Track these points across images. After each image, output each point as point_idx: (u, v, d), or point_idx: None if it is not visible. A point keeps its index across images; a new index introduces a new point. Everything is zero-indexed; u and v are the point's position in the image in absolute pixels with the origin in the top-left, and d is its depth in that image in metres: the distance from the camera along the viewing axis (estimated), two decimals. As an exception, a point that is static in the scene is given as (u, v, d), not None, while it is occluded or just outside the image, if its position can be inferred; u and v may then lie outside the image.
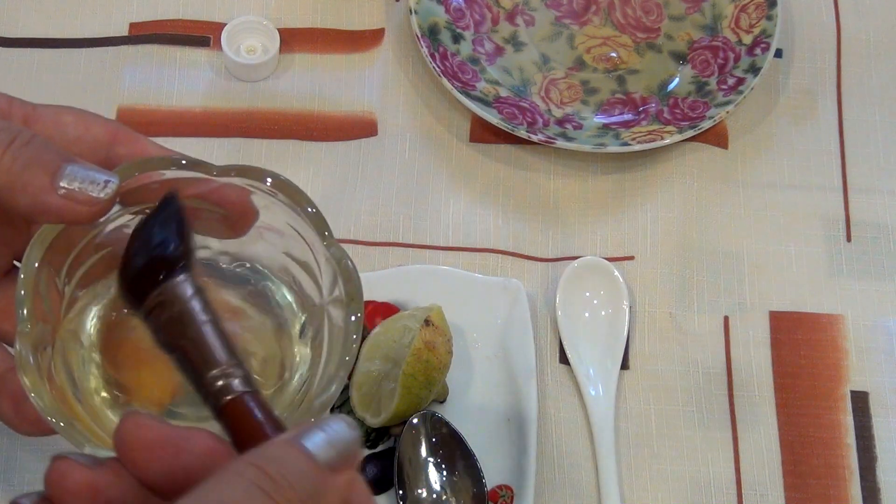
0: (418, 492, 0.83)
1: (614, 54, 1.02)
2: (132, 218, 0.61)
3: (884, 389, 0.90)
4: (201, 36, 1.02)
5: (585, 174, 0.98)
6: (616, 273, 0.92)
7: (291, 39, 1.02)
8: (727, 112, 0.96)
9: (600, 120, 0.99)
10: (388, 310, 0.89)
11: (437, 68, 0.97)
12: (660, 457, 0.88)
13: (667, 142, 0.95)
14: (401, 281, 0.91)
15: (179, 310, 0.53)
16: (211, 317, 0.53)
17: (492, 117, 0.95)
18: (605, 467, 0.86)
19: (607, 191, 0.97)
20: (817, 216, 0.96)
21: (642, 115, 0.98)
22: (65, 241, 0.60)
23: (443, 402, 0.88)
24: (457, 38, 1.01)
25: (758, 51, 0.99)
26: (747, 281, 0.94)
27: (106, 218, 0.60)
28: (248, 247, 0.66)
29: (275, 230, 0.64)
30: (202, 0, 1.03)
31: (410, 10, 0.99)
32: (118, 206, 0.61)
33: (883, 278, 0.94)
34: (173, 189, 0.57)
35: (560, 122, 0.98)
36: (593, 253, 0.94)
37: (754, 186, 0.97)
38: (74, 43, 1.01)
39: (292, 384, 0.63)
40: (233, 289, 0.66)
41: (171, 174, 0.61)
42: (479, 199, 0.97)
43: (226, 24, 1.00)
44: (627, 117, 0.99)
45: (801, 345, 0.92)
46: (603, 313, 0.92)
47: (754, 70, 0.98)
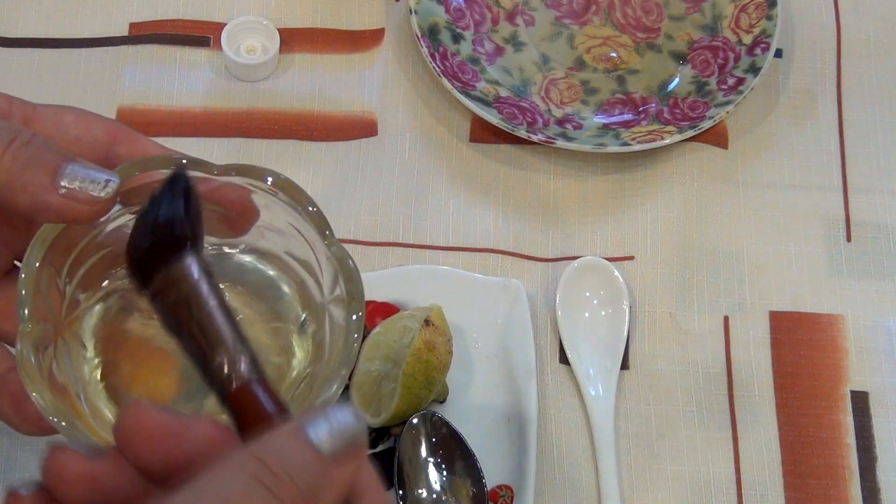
0: (418, 492, 0.83)
1: (614, 54, 1.02)
2: (132, 218, 0.61)
3: (884, 389, 0.90)
4: (201, 36, 1.02)
5: (585, 174, 0.98)
6: (616, 273, 0.92)
7: (291, 39, 1.02)
8: (727, 112, 0.96)
9: (600, 120, 0.99)
10: (388, 310, 0.89)
11: (437, 68, 0.97)
12: (660, 457, 0.88)
13: (667, 142, 0.95)
14: (401, 281, 0.91)
15: (185, 291, 0.52)
16: (218, 299, 0.52)
17: (492, 117, 0.95)
18: (605, 467, 0.86)
19: (607, 191, 0.97)
20: (817, 216, 0.97)
21: (642, 115, 0.98)
22: (65, 240, 0.60)
23: (443, 402, 0.88)
24: (457, 38, 1.01)
25: (758, 51, 0.99)
26: (747, 281, 0.94)
27: (106, 217, 0.60)
28: (249, 246, 0.66)
29: (275, 229, 0.64)
30: (202, 0, 1.03)
31: (410, 10, 0.99)
32: (118, 206, 0.61)
33: (883, 278, 0.94)
34: (181, 167, 0.56)
35: (560, 122, 0.98)
36: (593, 253, 0.94)
37: (754, 186, 0.97)
38: (74, 43, 1.01)
39: (293, 383, 0.63)
40: (234, 287, 0.66)
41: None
42: (479, 199, 0.97)
43: (226, 24, 1.00)
44: (627, 117, 0.99)
45: (801, 345, 0.92)
46: (603, 313, 0.92)
47: (754, 70, 0.98)
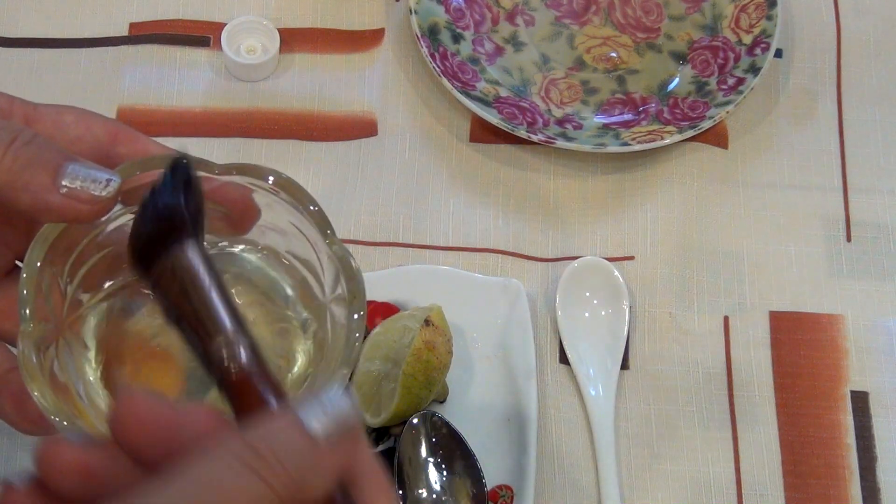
0: (418, 492, 0.83)
1: (614, 54, 1.02)
2: (133, 217, 0.61)
3: (884, 389, 0.90)
4: (201, 36, 1.02)
5: (585, 174, 0.98)
6: (616, 273, 0.92)
7: (291, 39, 1.02)
8: (727, 112, 0.96)
9: (600, 120, 0.99)
10: (388, 310, 0.89)
11: (437, 68, 0.97)
12: (660, 457, 0.88)
13: (667, 142, 0.95)
14: (401, 281, 0.91)
15: (184, 278, 0.52)
16: (218, 286, 0.52)
17: (492, 117, 0.95)
18: (605, 467, 0.86)
19: (607, 191, 0.97)
20: (817, 216, 0.96)
21: (642, 115, 0.98)
22: (67, 240, 0.60)
23: (443, 402, 0.88)
24: (457, 38, 1.01)
25: (758, 51, 0.99)
26: (747, 281, 0.94)
27: (107, 217, 0.60)
28: (251, 245, 0.66)
29: (277, 229, 0.64)
30: (202, 0, 1.03)
31: (410, 10, 0.99)
32: (119, 206, 0.61)
33: (883, 278, 0.94)
34: (182, 153, 0.56)
35: (560, 122, 0.98)
36: (593, 253, 0.94)
37: (754, 186, 0.97)
38: (74, 43, 1.01)
39: (295, 383, 0.63)
40: (236, 287, 0.65)
41: None
42: (479, 199, 0.97)
43: (226, 24, 1.00)
44: (627, 117, 0.99)
45: (801, 345, 0.92)
46: (603, 313, 0.92)
47: (754, 70, 0.98)
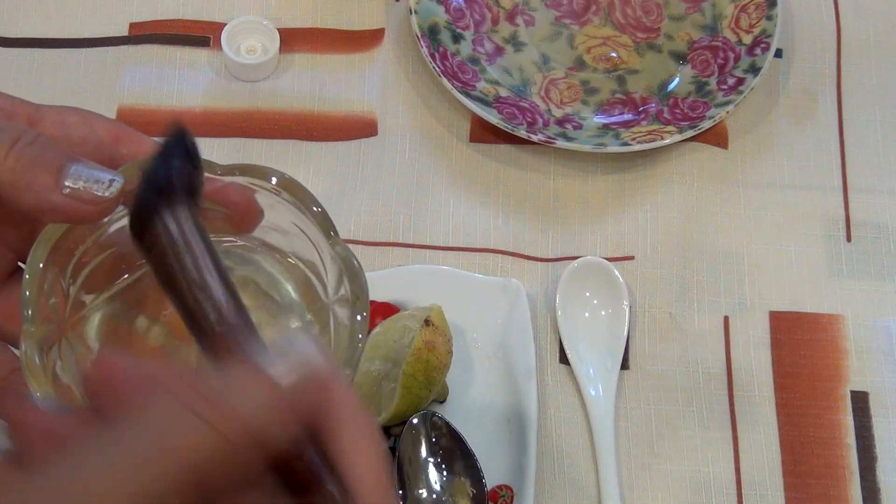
0: (418, 492, 0.83)
1: (614, 54, 1.02)
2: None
3: (884, 389, 0.90)
4: (201, 36, 1.02)
5: (585, 174, 0.98)
6: (616, 273, 0.92)
7: (291, 39, 1.02)
8: (727, 112, 0.96)
9: (600, 120, 0.99)
10: (388, 310, 0.89)
11: (437, 68, 0.97)
12: (660, 457, 0.88)
13: (667, 142, 0.95)
14: (401, 281, 0.91)
15: (171, 238, 0.51)
16: (204, 247, 0.51)
17: (492, 117, 0.95)
18: (605, 467, 0.86)
19: (607, 191, 0.97)
20: (817, 216, 0.97)
21: (642, 115, 0.98)
22: (69, 241, 0.60)
23: (443, 402, 0.88)
24: (457, 38, 1.01)
25: (758, 51, 0.99)
26: (747, 281, 0.94)
27: (110, 218, 0.60)
28: (253, 246, 0.66)
29: (280, 229, 0.63)
30: (202, 0, 1.03)
31: (410, 10, 0.99)
32: (122, 206, 0.61)
33: (883, 278, 0.94)
34: (179, 124, 0.56)
35: (560, 122, 0.98)
36: (593, 253, 0.94)
37: (754, 186, 0.97)
38: (74, 43, 1.01)
39: None
40: (238, 286, 0.65)
41: None
42: (479, 199, 0.97)
43: (226, 24, 1.00)
44: (627, 117, 0.99)
45: (801, 345, 0.92)
46: (603, 313, 0.92)
47: (754, 70, 0.98)
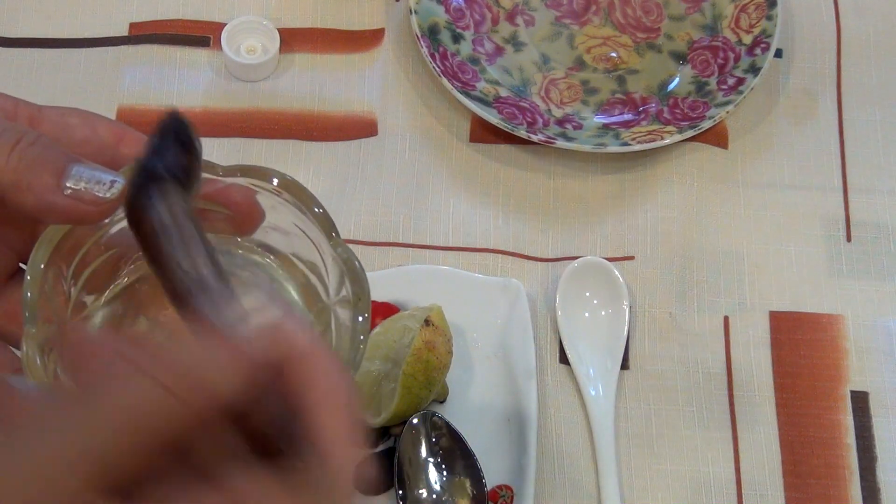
0: (418, 492, 0.83)
1: (614, 54, 1.02)
2: None
3: (884, 389, 0.90)
4: (201, 36, 1.02)
5: (585, 174, 0.98)
6: (616, 273, 0.92)
7: (291, 39, 1.02)
8: (727, 112, 0.96)
9: (600, 120, 0.99)
10: (388, 310, 0.89)
11: (437, 68, 0.97)
12: (660, 457, 0.88)
13: (667, 142, 0.95)
14: (401, 281, 0.91)
15: (159, 220, 0.51)
16: (192, 226, 0.51)
17: (492, 117, 0.95)
18: (605, 467, 0.86)
19: (607, 191, 0.97)
20: (817, 216, 0.97)
21: (642, 115, 0.98)
22: (71, 242, 0.60)
23: (443, 402, 0.88)
24: (457, 38, 1.01)
25: (758, 51, 0.99)
26: (747, 281, 0.94)
27: (111, 219, 0.60)
28: (255, 247, 0.66)
29: (281, 230, 0.63)
30: (202, 0, 1.03)
31: (410, 10, 0.99)
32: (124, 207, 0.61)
33: (883, 278, 0.94)
34: (174, 111, 0.55)
35: (560, 122, 0.98)
36: (593, 253, 0.94)
37: (754, 186, 0.98)
38: (74, 43, 1.01)
39: None
40: (240, 288, 0.65)
41: None
42: (479, 199, 0.97)
43: (226, 24, 1.00)
44: (627, 117, 0.99)
45: (801, 345, 0.92)
46: (603, 313, 0.92)
47: (754, 70, 0.98)
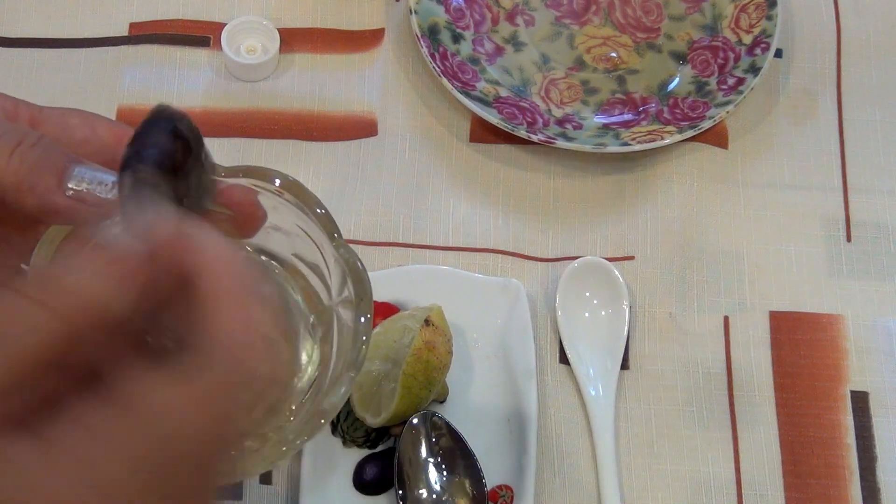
0: (418, 492, 0.83)
1: (614, 54, 1.02)
2: None
3: (884, 389, 0.90)
4: (201, 36, 1.02)
5: (585, 174, 0.98)
6: (616, 273, 0.92)
7: (291, 39, 1.02)
8: (727, 112, 0.96)
9: (600, 120, 0.99)
10: (388, 310, 0.89)
11: (437, 68, 0.97)
12: (660, 457, 0.88)
13: (667, 142, 0.95)
14: (401, 281, 0.91)
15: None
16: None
17: (492, 117, 0.95)
18: (605, 467, 0.86)
19: (607, 191, 0.97)
20: (817, 216, 0.97)
21: (642, 115, 0.98)
22: (72, 243, 0.60)
23: (443, 402, 0.88)
24: (457, 38, 1.01)
25: (758, 51, 0.99)
26: (747, 281, 0.94)
27: (113, 219, 0.60)
28: (257, 248, 0.66)
29: (283, 231, 0.63)
30: (202, 0, 1.03)
31: (410, 10, 0.99)
32: None
33: (883, 278, 0.94)
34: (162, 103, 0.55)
35: (560, 122, 0.98)
36: (593, 253, 0.94)
37: (754, 186, 0.98)
38: (74, 43, 1.01)
39: (302, 384, 0.63)
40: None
41: None
42: (479, 199, 0.97)
43: (226, 24, 1.00)
44: (627, 117, 0.99)
45: (801, 345, 0.92)
46: (603, 313, 0.92)
47: (754, 70, 0.98)
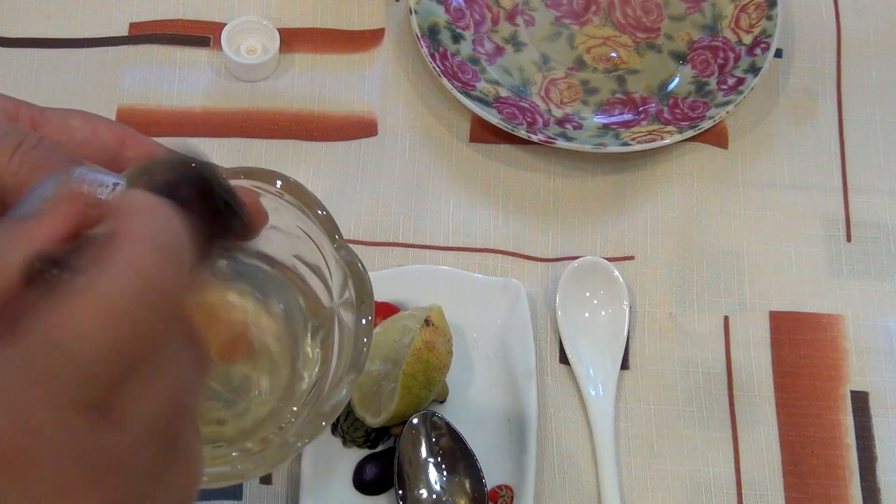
0: (418, 492, 0.83)
1: (614, 54, 1.02)
2: None
3: (884, 389, 0.90)
4: (201, 36, 1.02)
5: (585, 174, 0.98)
6: (616, 273, 0.92)
7: (291, 39, 1.02)
8: (727, 112, 0.96)
9: (600, 120, 0.99)
10: (388, 310, 0.89)
11: (437, 68, 0.97)
12: (660, 457, 0.88)
13: (667, 142, 0.95)
14: (401, 281, 0.91)
15: None
16: None
17: (492, 117, 0.95)
18: (605, 467, 0.86)
19: (607, 191, 0.97)
20: (817, 216, 0.97)
21: (642, 115, 0.98)
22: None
23: (443, 402, 0.88)
24: (457, 38, 1.01)
25: (758, 51, 0.99)
26: (747, 281, 0.94)
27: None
28: (258, 250, 0.66)
29: (284, 232, 0.63)
30: (202, 0, 1.03)
31: (410, 10, 0.99)
32: None
33: (883, 278, 0.94)
34: (192, 158, 0.55)
35: (560, 122, 0.98)
36: (593, 253, 0.94)
37: (754, 186, 0.97)
38: (74, 43, 1.01)
39: (303, 386, 0.63)
40: (243, 289, 0.65)
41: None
42: (479, 199, 0.97)
43: (226, 24, 1.00)
44: (627, 117, 0.99)
45: (801, 345, 0.92)
46: (603, 313, 0.92)
47: (754, 70, 0.98)
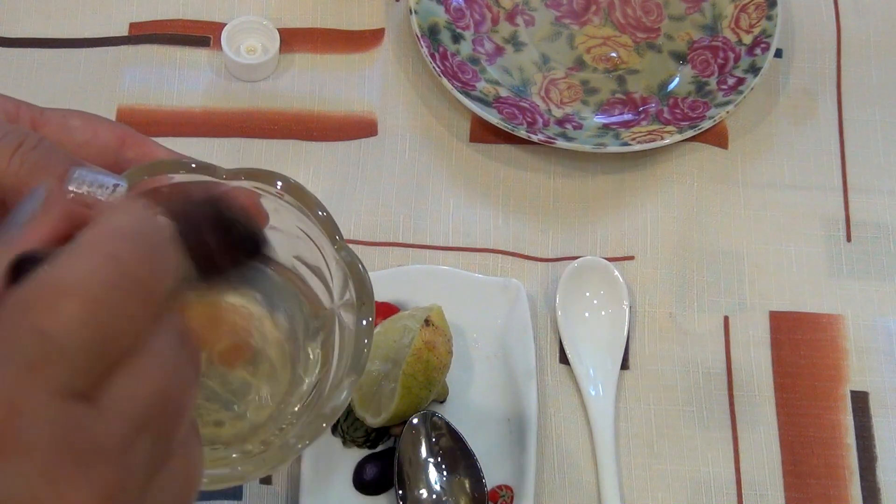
0: (418, 492, 0.83)
1: (614, 54, 1.02)
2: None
3: (884, 389, 0.90)
4: (201, 36, 1.02)
5: (585, 174, 0.98)
6: (616, 273, 0.92)
7: (291, 39, 1.02)
8: (727, 112, 0.96)
9: (600, 120, 0.99)
10: (388, 310, 0.89)
11: (437, 68, 0.97)
12: (660, 457, 0.88)
13: (667, 142, 0.95)
14: (401, 281, 0.91)
15: None
16: None
17: (492, 117, 0.95)
18: (605, 467, 0.86)
19: (607, 191, 0.97)
20: (817, 216, 0.97)
21: (642, 115, 0.98)
22: None
23: (443, 402, 0.88)
24: (457, 38, 1.01)
25: (758, 51, 0.99)
26: (747, 281, 0.94)
27: None
28: None
29: (284, 233, 0.63)
30: (202, 0, 1.03)
31: (410, 10, 0.99)
32: None
33: (883, 278, 0.94)
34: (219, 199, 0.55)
35: (560, 122, 0.98)
36: (593, 253, 0.94)
37: (754, 186, 0.97)
38: (74, 43, 1.01)
39: (304, 388, 0.63)
40: (244, 292, 0.65)
41: (179, 178, 0.60)
42: (479, 199, 0.97)
43: (226, 24, 1.00)
44: (627, 117, 0.99)
45: (801, 345, 0.92)
46: (603, 313, 0.92)
47: (754, 70, 0.98)
